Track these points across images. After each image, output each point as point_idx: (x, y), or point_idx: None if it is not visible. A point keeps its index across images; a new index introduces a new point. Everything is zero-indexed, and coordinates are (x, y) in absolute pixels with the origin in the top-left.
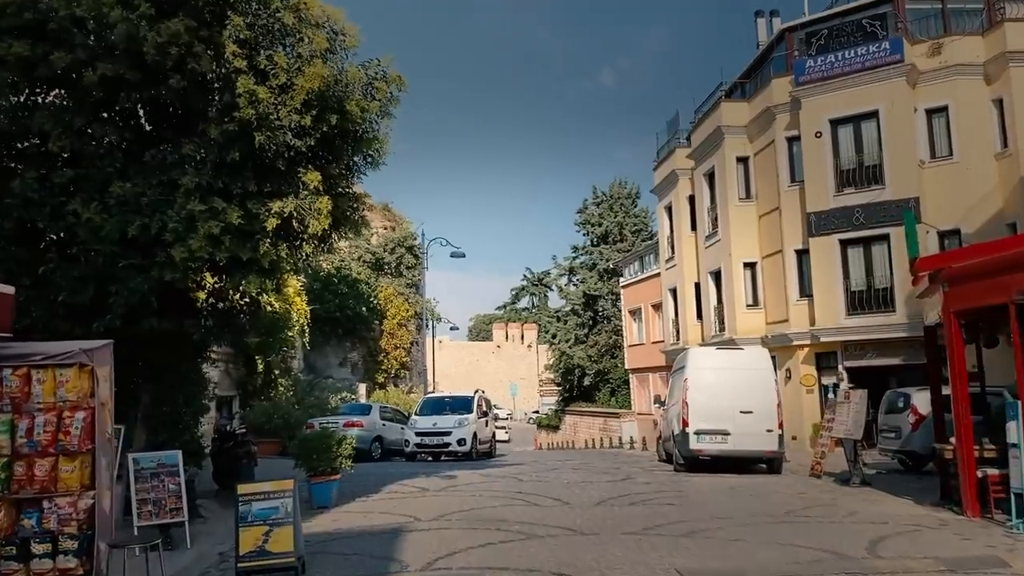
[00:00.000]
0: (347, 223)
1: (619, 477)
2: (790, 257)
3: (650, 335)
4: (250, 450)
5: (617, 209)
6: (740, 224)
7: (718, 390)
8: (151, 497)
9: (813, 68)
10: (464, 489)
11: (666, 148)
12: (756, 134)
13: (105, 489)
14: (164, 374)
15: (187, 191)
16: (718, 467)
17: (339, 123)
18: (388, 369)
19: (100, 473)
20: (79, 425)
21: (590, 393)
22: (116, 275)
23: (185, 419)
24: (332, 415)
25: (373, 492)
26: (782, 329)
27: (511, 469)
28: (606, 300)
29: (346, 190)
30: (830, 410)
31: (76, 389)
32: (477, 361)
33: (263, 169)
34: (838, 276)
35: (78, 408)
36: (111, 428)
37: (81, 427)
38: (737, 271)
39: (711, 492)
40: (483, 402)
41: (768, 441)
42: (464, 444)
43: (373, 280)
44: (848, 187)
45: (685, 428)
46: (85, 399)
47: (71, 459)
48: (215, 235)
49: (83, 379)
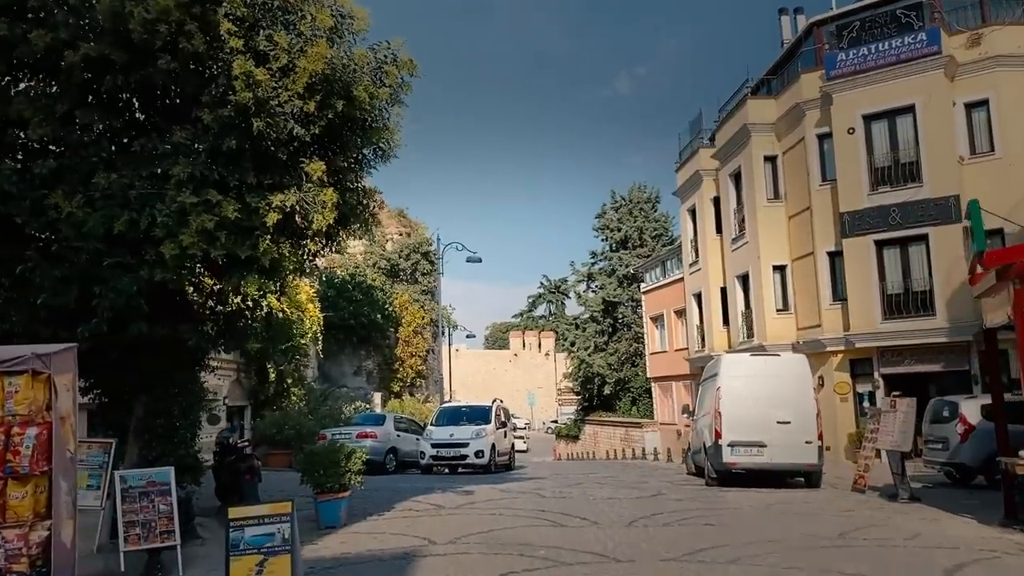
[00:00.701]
0: (356, 220)
1: (648, 492)
2: (822, 259)
3: (673, 342)
4: (253, 465)
5: (636, 213)
6: (768, 226)
7: (753, 399)
8: (139, 519)
9: (845, 62)
10: (483, 507)
11: (688, 149)
12: (784, 132)
13: (65, 518)
14: (158, 383)
15: (179, 182)
16: (752, 481)
17: (346, 110)
18: (404, 378)
19: (59, 499)
20: (31, 443)
21: (610, 402)
22: (101, 275)
23: (181, 432)
24: (345, 425)
25: (385, 510)
26: (814, 335)
27: (532, 483)
28: (626, 307)
29: (354, 184)
30: (873, 420)
31: (28, 401)
32: (494, 370)
33: (263, 159)
34: (874, 279)
35: (30, 423)
36: (74, 446)
37: (34, 445)
38: (766, 274)
39: (750, 510)
40: (501, 412)
41: (807, 453)
42: (482, 456)
43: (388, 287)
44: (883, 185)
45: (718, 440)
46: (40, 412)
47: (22, 484)
48: (209, 230)
49: (37, 389)
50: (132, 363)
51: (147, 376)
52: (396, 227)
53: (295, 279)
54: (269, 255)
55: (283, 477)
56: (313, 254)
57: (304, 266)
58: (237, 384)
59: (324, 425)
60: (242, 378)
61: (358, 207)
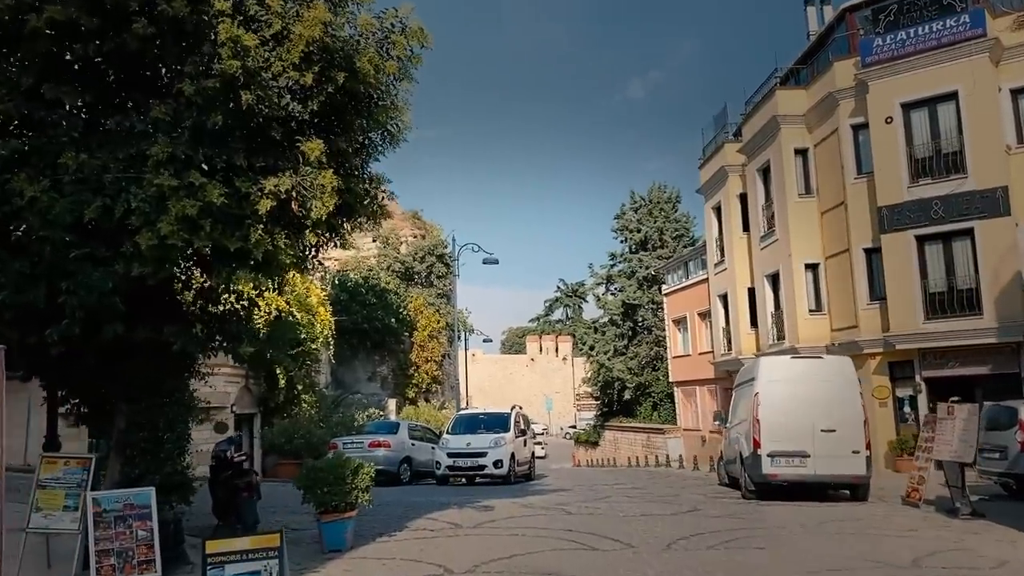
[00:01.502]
0: (362, 211)
1: (683, 508)
2: (858, 256)
3: (697, 346)
4: (251, 480)
5: (657, 214)
6: (800, 222)
7: (795, 405)
8: (115, 547)
9: (882, 48)
10: (503, 525)
11: (713, 144)
12: (816, 123)
13: None
14: (141, 392)
15: (157, 163)
16: (793, 494)
17: (348, 84)
18: (419, 384)
19: None
20: None
21: (630, 407)
22: (69, 269)
23: (167, 446)
24: (357, 434)
25: (397, 529)
26: (850, 336)
27: (555, 497)
28: (646, 309)
29: (359, 171)
30: (928, 427)
31: None
32: (510, 375)
33: (254, 139)
34: (915, 276)
35: None
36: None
37: None
38: (798, 273)
39: (801, 529)
40: (521, 419)
41: (854, 464)
42: (501, 467)
43: (402, 290)
44: (924, 177)
45: (757, 450)
46: None
47: None
48: (192, 218)
49: None
50: (112, 369)
51: (129, 384)
52: (410, 229)
53: (296, 276)
54: (262, 247)
55: (290, 491)
56: (315, 248)
57: (305, 261)
58: (246, 391)
59: (336, 433)
60: (251, 384)
61: (364, 196)
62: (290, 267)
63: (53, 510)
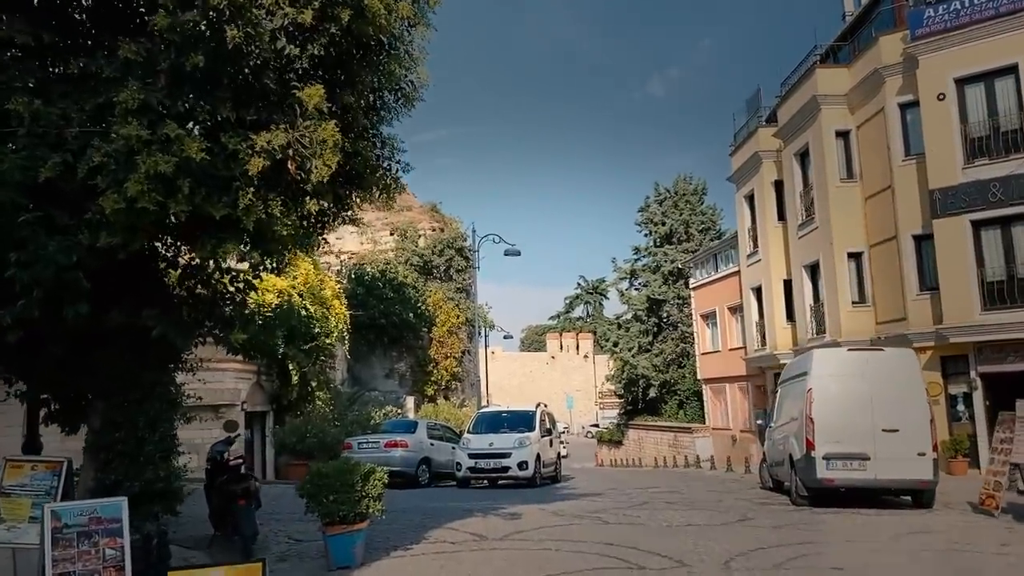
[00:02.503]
0: (372, 180)
1: (732, 516)
2: (907, 244)
3: (727, 341)
4: (249, 487)
5: (682, 206)
6: (842, 208)
7: (853, 403)
8: (76, 569)
9: (933, 19)
10: (533, 537)
11: (745, 130)
12: (859, 103)
13: None
14: (118, 387)
15: (126, 111)
16: (849, 500)
17: (354, 25)
18: (438, 380)
19: None
20: None
21: (655, 405)
22: (21, 237)
23: (149, 448)
24: (373, 433)
25: (413, 541)
26: (898, 329)
27: (587, 503)
28: (672, 305)
29: (368, 132)
30: (1003, 427)
31: None
32: (531, 372)
33: (243, 88)
34: (970, 264)
35: None
36: None
37: None
38: (840, 263)
39: (874, 544)
40: (546, 418)
41: (920, 468)
42: (526, 468)
43: (421, 284)
44: (980, 157)
45: (810, 451)
46: None
47: None
48: (167, 176)
49: None
50: (83, 360)
51: (104, 377)
52: (428, 222)
53: (307, 265)
54: (253, 215)
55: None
56: (319, 222)
57: (308, 238)
58: (258, 387)
59: (350, 432)
60: (263, 381)
61: (375, 164)
62: (289, 241)
63: (18, 521)
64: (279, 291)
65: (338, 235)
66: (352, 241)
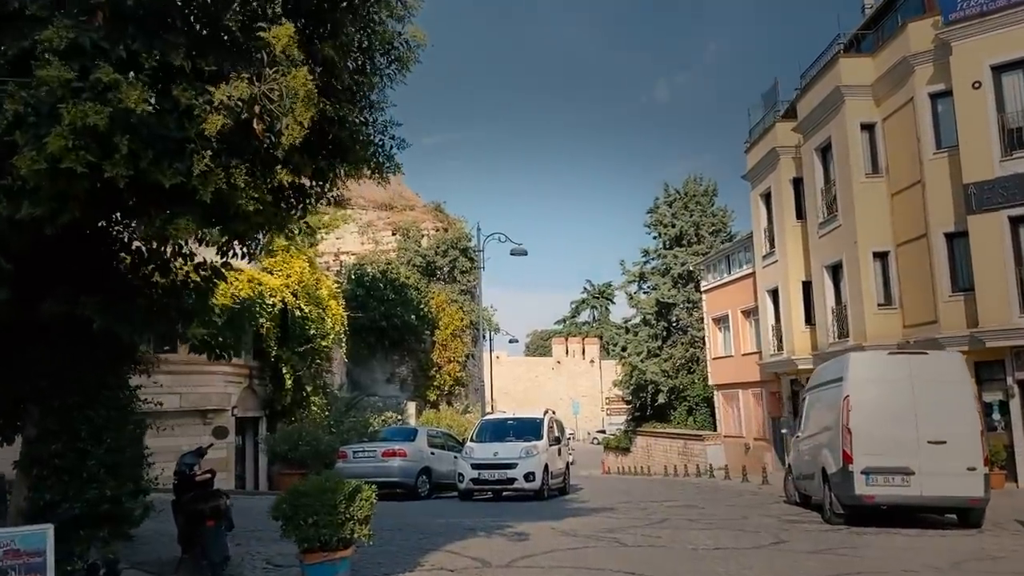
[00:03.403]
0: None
1: (764, 538)
2: (938, 242)
3: (740, 346)
4: (218, 505)
5: (693, 207)
6: (867, 205)
7: (895, 411)
8: None
9: (968, 2)
10: (543, 563)
11: (761, 125)
12: (886, 93)
13: None
14: (55, 389)
15: (50, 51)
16: (890, 518)
17: None
18: (441, 385)
19: None
20: None
21: (664, 412)
22: None
23: (91, 464)
24: (370, 441)
25: (407, 567)
26: (928, 332)
27: (601, 520)
28: (681, 308)
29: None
30: None
31: None
32: (536, 377)
33: (201, 33)
34: (1008, 263)
35: None
36: None
37: None
38: (864, 263)
39: (934, 573)
40: (554, 425)
41: (970, 484)
42: (532, 480)
43: (423, 285)
44: (1018, 150)
45: (847, 465)
46: None
47: None
48: (99, 131)
49: None
50: (16, 356)
51: (39, 377)
52: (432, 222)
53: (303, 262)
54: (212, 185)
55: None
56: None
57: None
58: (250, 391)
59: (346, 440)
60: (255, 385)
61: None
62: (257, 220)
63: None
64: (271, 290)
65: (338, 235)
66: (353, 241)
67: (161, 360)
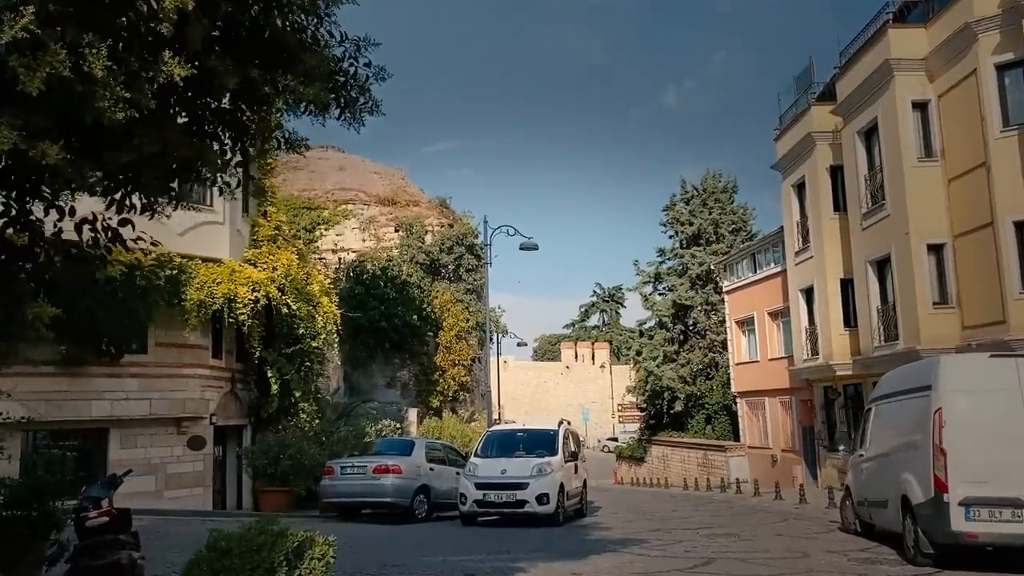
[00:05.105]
0: (311, 61)
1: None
2: (1007, 232)
3: (767, 350)
4: (117, 562)
5: (712, 204)
6: (920, 192)
7: (1001, 429)
8: None
9: None
10: None
11: (793, 110)
12: (941, 67)
13: None
14: None
15: None
16: (986, 559)
17: None
18: (444, 391)
19: None
20: None
21: (681, 420)
22: None
23: None
24: (360, 455)
25: None
26: (994, 334)
27: (633, 559)
28: (699, 311)
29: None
30: None
31: None
32: (544, 383)
33: None
34: None
35: None
36: None
37: None
38: (917, 256)
39: None
40: (570, 438)
41: None
42: (546, 503)
43: (427, 284)
44: None
45: (941, 494)
46: None
47: None
48: None
49: None
50: None
51: None
52: (436, 218)
53: (288, 256)
54: (46, 67)
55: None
56: (224, 128)
57: (193, 148)
58: (232, 397)
59: (335, 453)
60: (239, 390)
61: (318, 41)
62: (143, 140)
63: None
64: (255, 283)
65: (338, 231)
66: (353, 238)
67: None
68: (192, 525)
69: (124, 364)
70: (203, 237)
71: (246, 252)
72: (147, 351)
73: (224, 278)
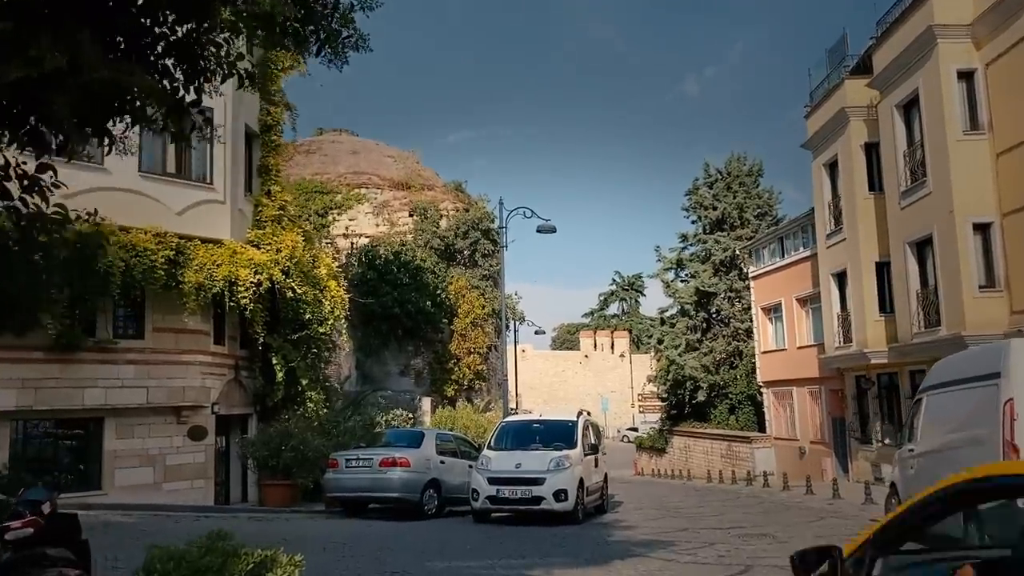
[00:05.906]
0: None
1: None
2: None
3: (795, 338)
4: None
5: (736, 188)
6: (965, 168)
7: None
8: None
9: None
10: None
11: (825, 85)
12: (989, 33)
13: None
14: None
15: None
16: None
17: None
18: (459, 380)
19: None
20: None
21: (703, 410)
22: None
23: None
24: (367, 447)
25: None
26: None
27: (661, 565)
28: (723, 298)
29: None
30: None
31: None
32: (562, 372)
33: None
34: None
35: None
36: None
37: None
38: (962, 237)
39: None
40: (590, 430)
41: None
42: (564, 499)
43: (441, 269)
44: None
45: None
46: None
47: None
48: None
49: None
50: None
51: None
52: (451, 202)
53: (295, 239)
54: None
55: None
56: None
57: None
58: (236, 385)
59: (341, 444)
60: (242, 377)
61: None
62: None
63: None
64: (257, 265)
65: (351, 216)
66: (367, 223)
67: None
68: (184, 523)
69: (119, 350)
70: (202, 216)
71: (248, 233)
72: (143, 336)
73: (225, 260)
